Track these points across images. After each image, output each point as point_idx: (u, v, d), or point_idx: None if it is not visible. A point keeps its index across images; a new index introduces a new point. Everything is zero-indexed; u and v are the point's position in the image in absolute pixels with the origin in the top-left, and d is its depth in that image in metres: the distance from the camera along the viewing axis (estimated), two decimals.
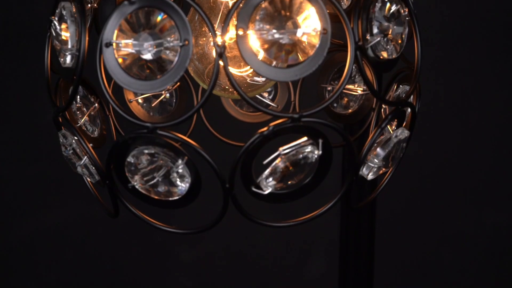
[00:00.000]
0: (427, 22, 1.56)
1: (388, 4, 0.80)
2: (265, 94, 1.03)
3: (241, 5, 0.75)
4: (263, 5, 0.75)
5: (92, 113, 0.90)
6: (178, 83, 1.01)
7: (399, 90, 0.90)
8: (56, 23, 0.80)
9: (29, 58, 1.59)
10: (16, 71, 1.61)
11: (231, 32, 0.82)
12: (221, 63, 0.75)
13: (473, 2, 1.60)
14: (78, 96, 0.89)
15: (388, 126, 0.86)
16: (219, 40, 0.75)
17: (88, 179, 0.86)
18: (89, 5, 0.86)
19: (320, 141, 0.77)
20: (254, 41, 0.75)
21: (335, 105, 1.01)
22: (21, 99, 1.61)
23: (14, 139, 1.62)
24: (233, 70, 0.88)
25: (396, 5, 0.80)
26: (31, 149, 1.62)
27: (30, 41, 1.59)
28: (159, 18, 0.75)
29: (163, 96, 1.00)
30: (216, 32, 0.77)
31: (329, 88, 1.02)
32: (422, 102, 0.88)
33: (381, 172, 0.85)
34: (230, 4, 0.86)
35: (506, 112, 1.62)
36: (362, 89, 0.99)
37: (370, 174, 0.84)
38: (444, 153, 1.64)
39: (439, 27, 1.61)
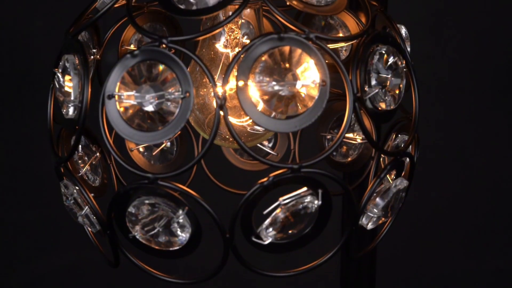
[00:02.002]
0: (424, 72, 1.57)
1: (385, 56, 0.81)
2: (265, 142, 1.03)
3: (241, 56, 0.76)
4: (263, 58, 0.75)
5: (94, 162, 0.90)
6: (179, 132, 1.01)
7: (397, 140, 0.91)
8: (60, 75, 0.81)
9: (32, 108, 1.60)
10: (18, 121, 1.61)
11: (232, 83, 0.83)
12: (221, 113, 0.76)
13: (471, 51, 1.61)
14: (80, 146, 0.89)
15: (387, 176, 0.86)
16: (219, 91, 0.76)
17: (89, 229, 0.86)
18: (91, 56, 0.87)
19: (320, 191, 0.78)
20: (254, 92, 0.76)
21: (334, 153, 1.01)
22: (24, 148, 1.62)
23: (16, 186, 1.63)
24: (233, 120, 0.88)
25: (394, 57, 0.81)
26: (33, 194, 1.62)
27: (32, 92, 1.60)
28: (161, 68, 0.76)
29: (164, 145, 1.01)
30: (217, 83, 0.77)
31: (328, 137, 1.02)
32: (420, 151, 0.89)
33: (380, 221, 0.85)
34: (231, 55, 0.87)
35: (505, 161, 1.63)
36: (361, 138, 0.99)
37: (370, 223, 0.84)
38: (443, 200, 1.64)
39: (437, 76, 1.62)
